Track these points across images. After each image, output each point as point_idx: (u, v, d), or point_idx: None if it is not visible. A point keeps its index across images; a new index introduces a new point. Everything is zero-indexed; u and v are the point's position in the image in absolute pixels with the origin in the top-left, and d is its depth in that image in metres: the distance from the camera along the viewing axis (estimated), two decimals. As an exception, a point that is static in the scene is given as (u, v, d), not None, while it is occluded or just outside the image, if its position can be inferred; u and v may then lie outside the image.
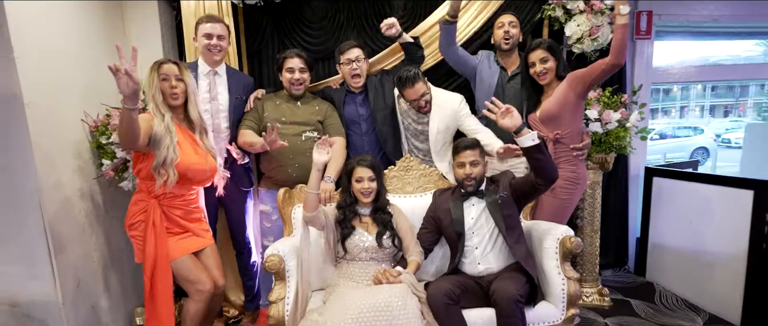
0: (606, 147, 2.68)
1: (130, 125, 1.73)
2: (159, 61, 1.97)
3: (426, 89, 2.49)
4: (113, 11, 2.75)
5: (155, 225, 1.96)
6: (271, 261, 1.90)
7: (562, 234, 2.09)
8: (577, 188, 2.47)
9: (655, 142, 9.11)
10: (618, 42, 2.16)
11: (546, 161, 1.97)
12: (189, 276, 2.01)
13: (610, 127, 2.66)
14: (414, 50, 2.66)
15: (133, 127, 1.74)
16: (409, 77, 2.44)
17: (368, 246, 2.10)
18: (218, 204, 2.53)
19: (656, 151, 8.46)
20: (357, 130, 2.65)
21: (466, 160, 2.15)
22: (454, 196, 2.24)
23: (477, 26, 2.87)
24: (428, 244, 2.28)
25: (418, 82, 2.45)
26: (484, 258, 2.14)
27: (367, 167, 2.17)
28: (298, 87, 2.50)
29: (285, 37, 3.04)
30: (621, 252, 3.46)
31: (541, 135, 2.46)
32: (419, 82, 2.45)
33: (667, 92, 11.65)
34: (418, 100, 2.47)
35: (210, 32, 2.32)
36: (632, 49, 3.43)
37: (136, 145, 1.84)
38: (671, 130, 9.88)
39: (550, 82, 2.44)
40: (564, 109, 2.37)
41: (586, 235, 2.86)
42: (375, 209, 2.20)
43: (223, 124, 2.42)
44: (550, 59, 2.40)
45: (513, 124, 1.95)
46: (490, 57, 2.79)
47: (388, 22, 2.56)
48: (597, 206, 2.84)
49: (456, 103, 2.56)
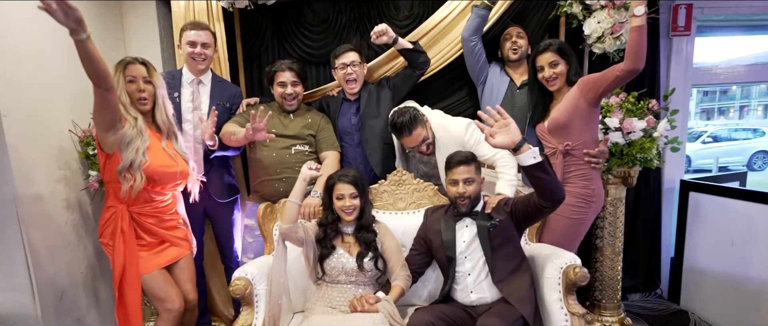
0: (628, 159, 2.37)
1: (92, 59, 1.58)
2: (125, 61, 1.87)
3: (426, 133, 2.21)
4: (111, 14, 2.72)
5: (124, 232, 1.87)
6: (235, 286, 1.77)
7: (566, 263, 1.84)
8: (590, 206, 2.19)
9: (708, 146, 8.39)
10: (633, 45, 1.89)
11: (550, 181, 1.72)
12: (158, 293, 1.92)
13: (634, 137, 2.35)
14: (414, 56, 2.46)
15: (95, 60, 1.60)
16: (403, 124, 2.15)
17: (348, 269, 1.93)
18: (204, 216, 2.43)
19: (709, 156, 7.77)
20: (350, 141, 2.48)
21: (460, 176, 1.94)
22: (447, 216, 2.03)
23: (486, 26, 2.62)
24: (418, 268, 2.08)
25: (415, 127, 2.16)
26: (477, 287, 1.92)
27: (348, 183, 2.00)
28: (290, 102, 2.36)
29: (285, 42, 2.91)
30: (652, 274, 3.11)
31: (551, 146, 2.21)
32: (417, 127, 2.17)
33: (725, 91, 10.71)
34: (418, 146, 2.24)
35: (194, 40, 2.22)
36: (668, 47, 3.07)
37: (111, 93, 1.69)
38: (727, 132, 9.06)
39: (560, 88, 2.18)
40: (574, 117, 2.11)
41: (606, 257, 2.56)
42: (358, 227, 2.03)
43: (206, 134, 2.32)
44: (560, 63, 2.14)
45: (511, 140, 1.68)
46: (499, 67, 2.61)
47: (378, 29, 2.36)
48: (619, 225, 2.53)
49: (462, 133, 2.21)
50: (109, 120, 1.75)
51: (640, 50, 1.88)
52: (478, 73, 2.55)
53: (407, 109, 2.21)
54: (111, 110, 1.73)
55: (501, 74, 2.56)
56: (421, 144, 2.23)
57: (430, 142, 2.26)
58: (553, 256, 1.90)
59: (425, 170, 2.45)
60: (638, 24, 1.85)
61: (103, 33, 2.62)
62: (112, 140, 1.79)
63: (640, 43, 1.87)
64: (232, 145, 2.28)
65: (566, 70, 2.15)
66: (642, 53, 1.89)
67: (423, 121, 2.22)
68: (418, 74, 2.52)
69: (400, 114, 2.18)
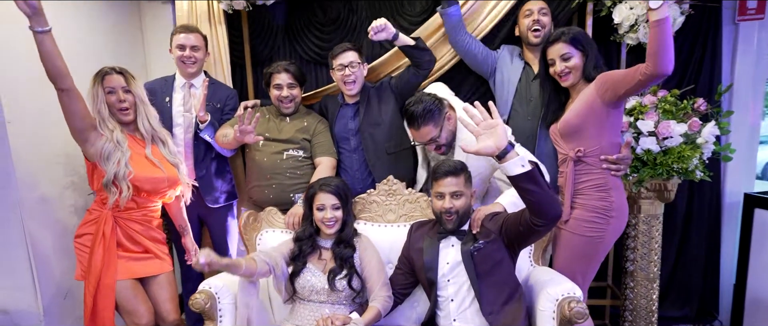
0: (664, 170, 2.00)
1: (50, 54, 1.60)
2: (102, 72, 1.87)
3: (436, 133, 1.92)
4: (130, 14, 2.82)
5: (105, 237, 1.86)
6: (195, 300, 1.70)
7: (562, 296, 1.56)
8: (609, 222, 1.85)
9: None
10: (653, 45, 1.56)
11: (541, 194, 1.46)
12: (126, 305, 1.89)
13: (671, 143, 1.98)
14: (418, 55, 2.24)
15: (54, 56, 1.62)
16: (415, 115, 1.89)
17: (319, 288, 1.79)
18: (199, 221, 2.42)
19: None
20: (346, 147, 2.34)
21: (446, 189, 1.72)
22: (431, 233, 1.82)
23: (499, 18, 2.35)
24: (402, 288, 1.90)
25: (426, 123, 1.89)
26: (461, 315, 1.70)
27: (330, 193, 1.85)
28: (287, 105, 2.26)
29: (296, 42, 2.83)
30: (708, 303, 2.65)
31: (562, 152, 1.92)
32: (428, 124, 1.89)
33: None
34: (426, 144, 2.00)
35: (183, 43, 2.20)
36: (734, 35, 2.58)
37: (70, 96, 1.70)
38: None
39: (575, 83, 1.88)
40: (588, 120, 1.81)
41: (638, 283, 2.19)
42: (337, 241, 1.88)
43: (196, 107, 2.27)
44: (573, 55, 1.84)
45: (496, 145, 1.41)
46: (514, 52, 2.30)
47: (377, 24, 2.14)
48: (654, 246, 2.16)
49: None
50: (78, 127, 1.75)
51: (663, 50, 1.55)
52: (483, 67, 2.29)
53: (428, 99, 1.92)
54: (76, 116, 1.73)
55: (513, 61, 2.25)
56: (430, 143, 1.98)
57: (442, 144, 1.98)
58: (550, 284, 1.63)
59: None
60: (656, 18, 1.52)
61: (123, 33, 2.71)
62: (92, 151, 1.79)
63: (661, 42, 1.54)
64: (225, 148, 2.23)
65: (582, 63, 1.85)
66: (665, 54, 1.55)
67: (441, 117, 1.92)
68: (422, 74, 2.30)
69: (417, 101, 1.92)
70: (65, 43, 2.22)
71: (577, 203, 1.89)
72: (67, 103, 1.69)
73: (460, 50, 2.28)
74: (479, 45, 2.27)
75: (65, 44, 2.20)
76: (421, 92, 2.04)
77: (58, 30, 2.10)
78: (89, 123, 1.78)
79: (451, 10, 2.20)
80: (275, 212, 2.13)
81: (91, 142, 1.79)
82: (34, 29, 1.58)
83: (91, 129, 1.79)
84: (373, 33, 2.15)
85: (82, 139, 1.78)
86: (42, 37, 1.59)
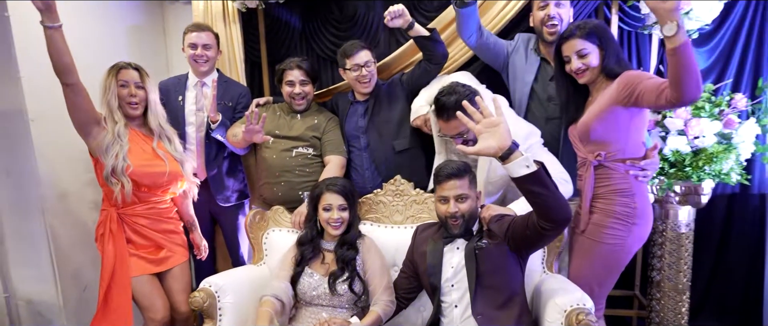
0: (694, 172, 1.83)
1: (59, 50, 1.65)
2: (119, 65, 1.90)
3: (465, 128, 1.73)
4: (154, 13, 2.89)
5: (113, 234, 1.89)
6: (193, 298, 1.70)
7: (570, 307, 1.46)
8: (631, 229, 1.70)
9: None
10: (672, 73, 1.41)
11: (549, 197, 1.36)
12: (142, 300, 1.93)
13: (703, 143, 1.81)
14: (431, 46, 2.15)
15: (62, 52, 1.67)
16: (446, 106, 1.72)
17: (320, 292, 1.75)
18: (211, 218, 2.44)
19: None
20: (356, 145, 2.29)
21: (450, 193, 1.64)
22: (437, 236, 1.75)
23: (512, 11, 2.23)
24: (406, 292, 1.83)
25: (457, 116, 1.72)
26: (465, 322, 1.62)
27: (337, 193, 1.81)
28: (299, 102, 2.24)
29: (312, 41, 2.81)
30: (749, 316, 2.42)
31: (580, 155, 1.80)
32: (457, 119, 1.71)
33: None
34: (452, 137, 1.84)
35: (194, 42, 2.22)
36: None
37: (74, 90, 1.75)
38: None
39: (593, 80, 1.74)
40: (609, 121, 1.66)
41: (665, 294, 2.03)
42: (340, 243, 1.83)
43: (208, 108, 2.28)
44: (591, 52, 1.69)
45: (499, 145, 1.33)
46: (529, 43, 2.12)
47: (394, 9, 2.01)
48: (684, 255, 1.99)
49: (519, 137, 1.68)
50: (81, 121, 1.79)
51: (684, 77, 1.39)
52: (500, 64, 2.16)
53: (462, 90, 1.75)
54: (79, 110, 1.77)
55: (527, 57, 2.07)
56: (457, 136, 1.82)
57: (471, 138, 1.79)
58: (559, 294, 1.52)
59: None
60: (673, 46, 1.37)
61: (146, 32, 2.80)
62: (94, 145, 1.83)
63: (683, 71, 1.38)
64: (236, 147, 2.23)
65: (600, 60, 1.70)
66: (689, 81, 1.39)
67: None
68: (434, 68, 2.22)
69: (450, 92, 1.75)
70: (91, 43, 2.35)
71: (597, 207, 1.76)
72: (71, 97, 1.74)
73: (474, 48, 2.16)
74: (493, 40, 2.13)
75: (91, 43, 2.32)
76: (453, 81, 1.88)
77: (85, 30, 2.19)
78: (92, 117, 1.82)
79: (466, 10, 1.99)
80: (282, 211, 2.11)
81: (93, 135, 1.82)
82: (45, 24, 1.63)
83: (93, 123, 1.82)
84: (390, 18, 2.04)
85: (84, 133, 1.83)
86: (52, 32, 1.64)
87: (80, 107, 1.77)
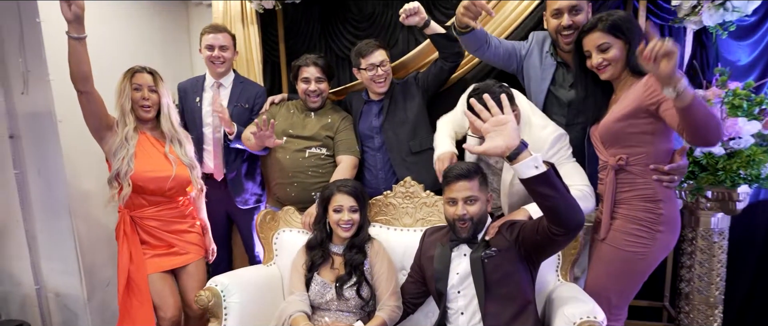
0: (727, 177, 1.69)
1: (80, 59, 1.71)
2: (133, 69, 1.94)
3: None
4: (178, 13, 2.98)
5: (127, 235, 1.94)
6: (199, 297, 1.71)
7: (579, 319, 1.37)
8: (655, 236, 1.58)
9: None
10: (685, 125, 1.35)
11: (559, 200, 1.30)
12: (154, 298, 1.95)
13: (739, 144, 1.67)
14: (446, 45, 2.09)
15: (82, 61, 1.73)
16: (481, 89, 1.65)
17: (328, 297, 1.73)
18: (228, 219, 2.47)
19: None
20: (370, 145, 2.26)
21: (459, 194, 1.58)
22: (445, 240, 1.69)
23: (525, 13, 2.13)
24: (414, 297, 1.79)
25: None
26: (470, 330, 1.56)
27: (348, 194, 1.79)
28: (314, 99, 2.24)
29: (331, 40, 2.80)
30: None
31: (601, 158, 1.69)
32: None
33: None
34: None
35: (211, 43, 2.25)
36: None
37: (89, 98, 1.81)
38: None
39: (617, 77, 1.63)
40: (633, 123, 1.55)
41: (694, 308, 1.89)
42: (349, 245, 1.80)
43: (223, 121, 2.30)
44: (613, 45, 1.59)
45: (506, 145, 1.27)
46: (544, 45, 1.98)
47: (410, 7, 1.97)
48: (717, 267, 1.84)
49: (545, 144, 1.72)
50: (95, 126, 1.85)
51: (700, 128, 1.33)
52: (507, 68, 2.05)
53: (498, 89, 1.67)
54: (94, 116, 1.83)
55: (542, 61, 1.95)
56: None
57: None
58: (570, 304, 1.44)
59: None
60: (681, 105, 1.28)
61: (170, 34, 2.88)
62: (106, 149, 1.89)
63: (695, 121, 1.32)
64: (253, 149, 2.24)
65: (623, 54, 1.59)
66: (704, 130, 1.33)
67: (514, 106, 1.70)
68: (449, 68, 2.16)
69: (485, 89, 1.67)
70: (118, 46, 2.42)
71: (619, 213, 1.65)
72: (85, 104, 1.80)
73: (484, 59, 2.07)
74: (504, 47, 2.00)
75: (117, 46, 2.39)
76: (490, 79, 1.83)
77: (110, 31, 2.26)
78: (105, 123, 1.88)
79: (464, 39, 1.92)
80: (293, 211, 2.11)
81: (106, 140, 1.88)
82: (71, 35, 1.68)
83: (106, 128, 1.88)
84: (405, 16, 1.99)
85: (98, 137, 1.89)
86: (75, 42, 1.69)
87: (94, 113, 1.83)
